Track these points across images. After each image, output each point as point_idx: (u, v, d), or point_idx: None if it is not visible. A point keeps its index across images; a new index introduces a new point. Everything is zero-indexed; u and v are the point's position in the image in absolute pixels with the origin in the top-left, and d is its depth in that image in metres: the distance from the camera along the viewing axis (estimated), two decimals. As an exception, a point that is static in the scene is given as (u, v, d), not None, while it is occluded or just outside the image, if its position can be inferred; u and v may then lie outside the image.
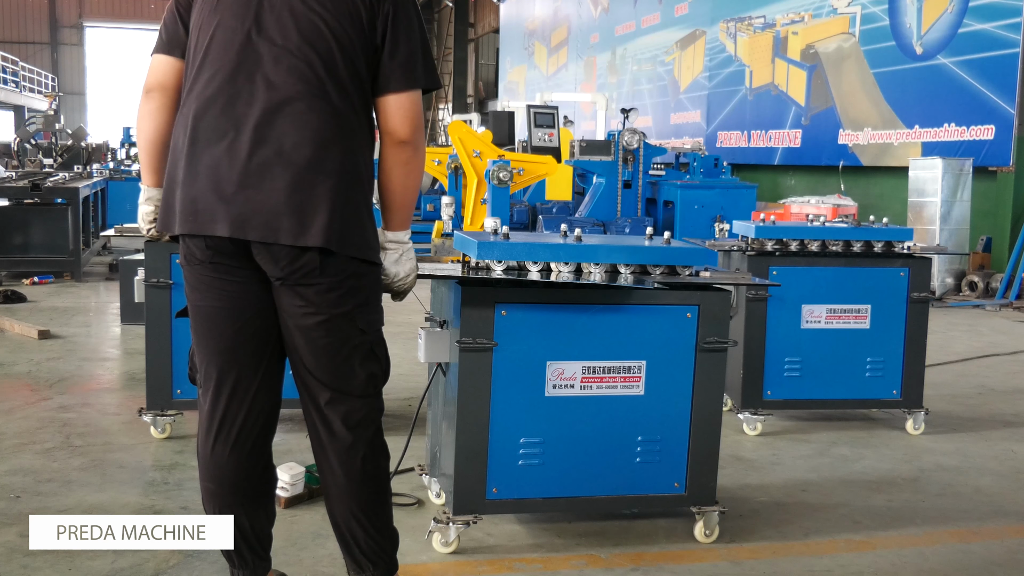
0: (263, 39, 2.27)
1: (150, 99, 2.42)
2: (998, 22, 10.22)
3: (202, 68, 2.30)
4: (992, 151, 10.31)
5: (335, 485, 2.43)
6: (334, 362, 2.36)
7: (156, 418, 4.21)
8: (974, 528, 3.51)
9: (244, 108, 2.24)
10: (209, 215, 2.23)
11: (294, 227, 2.21)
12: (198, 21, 2.34)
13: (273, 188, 2.21)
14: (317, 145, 2.24)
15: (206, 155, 2.25)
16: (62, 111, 30.15)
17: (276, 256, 2.25)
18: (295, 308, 2.31)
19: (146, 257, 4.12)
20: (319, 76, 2.27)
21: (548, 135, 11.55)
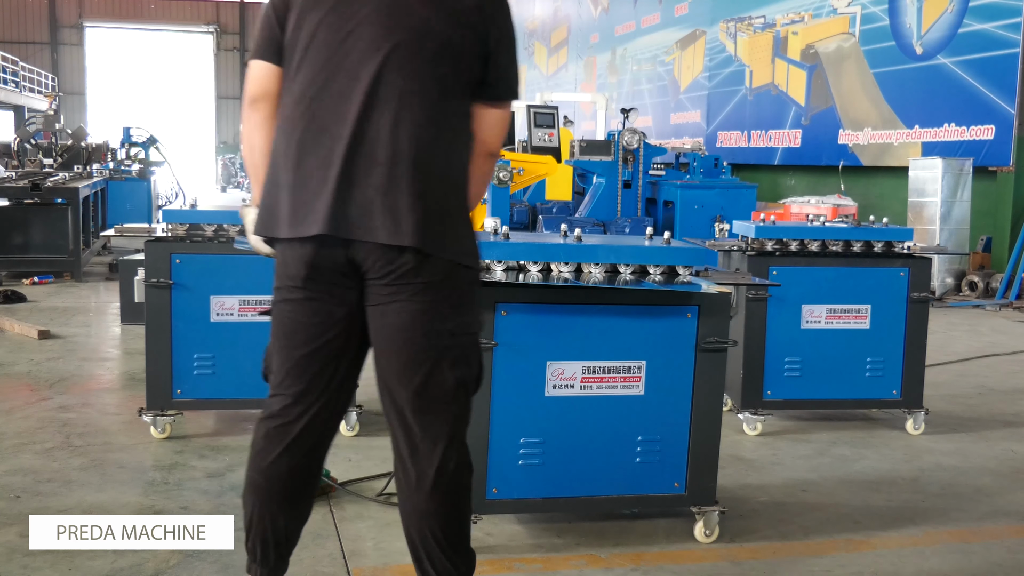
0: (365, 39, 2.23)
1: (258, 110, 2.36)
2: (998, 22, 10.22)
3: (303, 67, 2.27)
4: (992, 151, 10.31)
5: (411, 498, 2.32)
6: (423, 368, 2.27)
7: (156, 418, 4.21)
8: (974, 528, 3.51)
9: (345, 109, 2.22)
10: (313, 217, 2.20)
11: (393, 227, 2.18)
12: (298, 19, 2.28)
13: (375, 187, 2.19)
14: (420, 145, 2.22)
15: (311, 157, 2.22)
16: (62, 111, 30.14)
17: (374, 256, 2.21)
18: (386, 310, 2.25)
19: (146, 257, 4.12)
20: (423, 73, 2.24)
21: (548, 135, 11.54)
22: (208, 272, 4.14)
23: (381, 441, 4.27)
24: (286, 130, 2.28)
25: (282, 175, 2.26)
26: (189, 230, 4.17)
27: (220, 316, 4.18)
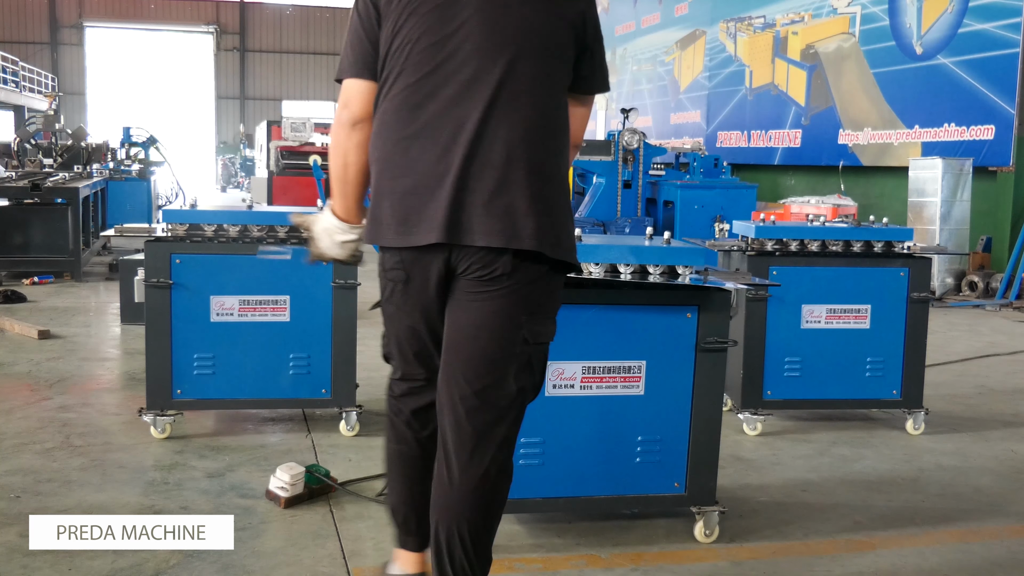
0: (470, 38, 2.24)
1: (358, 131, 2.35)
2: (998, 22, 10.22)
3: (405, 75, 2.27)
4: (992, 151, 10.31)
5: (448, 494, 2.31)
6: (490, 369, 2.28)
7: (156, 418, 4.21)
8: (974, 528, 3.51)
9: (456, 112, 2.22)
10: (421, 224, 2.22)
11: (510, 230, 2.20)
12: (394, 30, 2.28)
13: (490, 191, 2.20)
14: (530, 147, 2.24)
15: (417, 161, 2.24)
16: (62, 111, 30.14)
17: (477, 258, 2.23)
18: (468, 306, 2.27)
19: (146, 257, 4.12)
20: (530, 74, 2.25)
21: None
22: (208, 272, 4.15)
23: (381, 441, 4.27)
24: (390, 137, 2.28)
25: (386, 182, 2.28)
26: (189, 230, 4.17)
27: (220, 316, 4.18)
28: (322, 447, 4.19)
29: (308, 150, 18.21)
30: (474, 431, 2.29)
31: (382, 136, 2.30)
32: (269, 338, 4.23)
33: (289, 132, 19.55)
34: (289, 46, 39.47)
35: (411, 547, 2.54)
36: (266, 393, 4.29)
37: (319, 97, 39.68)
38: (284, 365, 4.26)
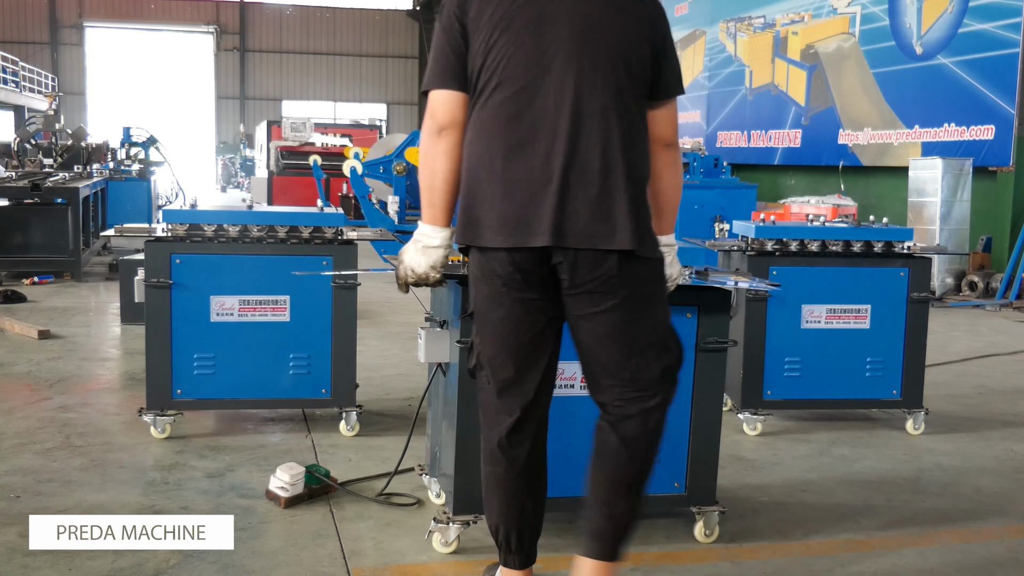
0: (562, 52, 2.38)
1: (444, 138, 2.45)
2: (998, 22, 10.22)
3: (503, 86, 2.38)
4: (992, 151, 10.31)
5: (609, 468, 2.50)
6: (631, 359, 2.45)
7: (156, 418, 4.21)
8: (974, 528, 3.51)
9: (553, 122, 2.35)
10: (528, 227, 2.34)
11: (611, 233, 2.35)
12: (487, 42, 2.40)
13: (592, 196, 2.34)
14: (622, 152, 2.38)
15: (518, 168, 2.35)
16: (62, 111, 30.13)
17: (584, 262, 2.36)
18: (594, 310, 2.41)
19: (146, 257, 4.12)
20: (618, 85, 2.40)
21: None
22: (208, 272, 4.15)
23: (381, 441, 4.28)
24: (490, 146, 2.38)
25: (484, 187, 2.38)
26: (189, 230, 4.17)
27: (220, 316, 4.18)
28: (322, 447, 4.19)
29: (308, 150, 18.22)
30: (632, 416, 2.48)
31: (480, 144, 2.41)
32: (269, 338, 4.23)
33: (289, 132, 19.57)
34: (289, 46, 39.46)
35: (514, 565, 2.63)
36: (266, 393, 4.29)
37: (319, 97, 39.68)
38: (284, 365, 4.26)
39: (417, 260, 2.56)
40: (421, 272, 2.57)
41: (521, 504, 2.57)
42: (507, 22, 2.39)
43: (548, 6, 2.40)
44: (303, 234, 4.26)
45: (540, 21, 2.39)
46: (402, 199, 11.50)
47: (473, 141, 2.42)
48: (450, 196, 2.48)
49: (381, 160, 12.34)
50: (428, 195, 2.49)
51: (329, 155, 16.43)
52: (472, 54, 2.42)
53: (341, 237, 4.30)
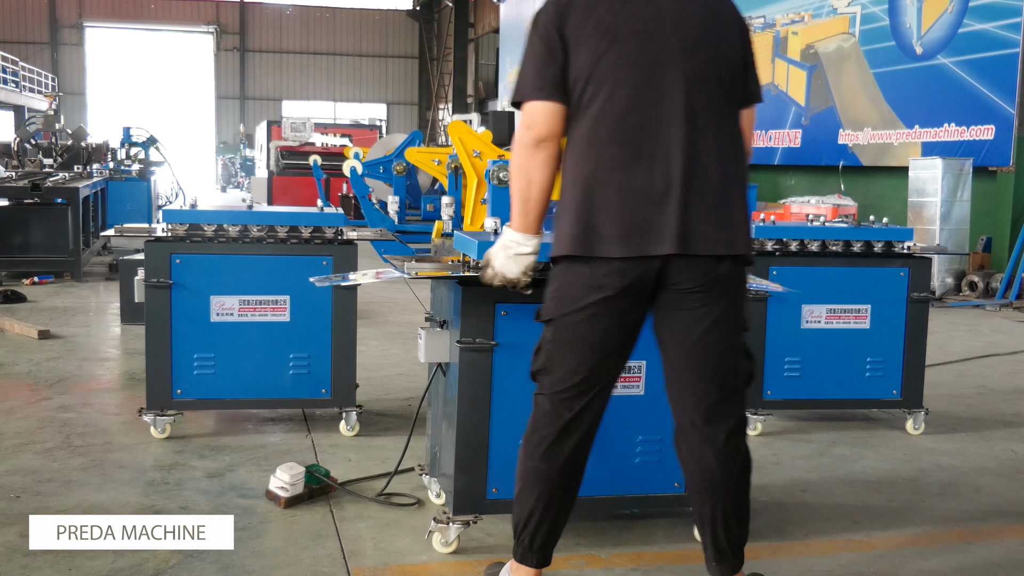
0: (672, 63, 2.44)
1: (543, 149, 2.48)
2: (998, 22, 10.22)
3: (612, 95, 2.42)
4: (992, 151, 10.31)
5: (709, 478, 2.57)
6: (725, 363, 2.54)
7: (156, 418, 4.21)
8: (974, 528, 3.51)
9: (666, 130, 2.41)
10: (649, 236, 2.39)
11: (727, 239, 2.45)
12: (597, 53, 2.43)
13: (711, 205, 2.42)
14: (730, 158, 2.49)
15: (637, 178, 2.40)
16: (62, 111, 30.13)
17: (700, 268, 2.43)
18: (697, 315, 2.47)
19: (146, 257, 4.12)
20: (723, 93, 2.50)
21: (548, 135, 11.52)
22: (208, 272, 4.15)
23: (381, 441, 4.28)
24: (604, 155, 2.42)
25: (603, 197, 2.41)
26: (189, 230, 4.17)
27: (220, 316, 4.18)
28: (322, 447, 4.19)
29: (308, 150, 18.23)
30: (724, 420, 2.55)
31: (592, 155, 2.44)
32: (269, 338, 4.22)
33: (289, 132, 19.58)
34: (289, 46, 39.47)
35: (532, 563, 2.67)
36: (266, 393, 4.29)
37: (319, 97, 39.69)
38: (284, 365, 4.26)
39: (509, 266, 2.61)
40: (512, 277, 2.63)
41: (557, 503, 2.62)
42: (615, 33, 2.43)
43: (653, 18, 2.46)
44: (303, 234, 4.26)
45: (648, 33, 2.44)
46: (402, 199, 11.48)
47: (586, 152, 2.45)
48: (544, 206, 2.54)
49: (381, 160, 12.33)
50: (523, 204, 2.54)
51: (329, 155, 16.43)
52: (575, 65, 2.45)
53: (341, 237, 4.30)
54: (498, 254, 2.62)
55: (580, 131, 2.46)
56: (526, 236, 2.57)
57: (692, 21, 2.48)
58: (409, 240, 9.30)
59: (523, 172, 2.50)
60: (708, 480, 2.58)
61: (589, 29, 2.44)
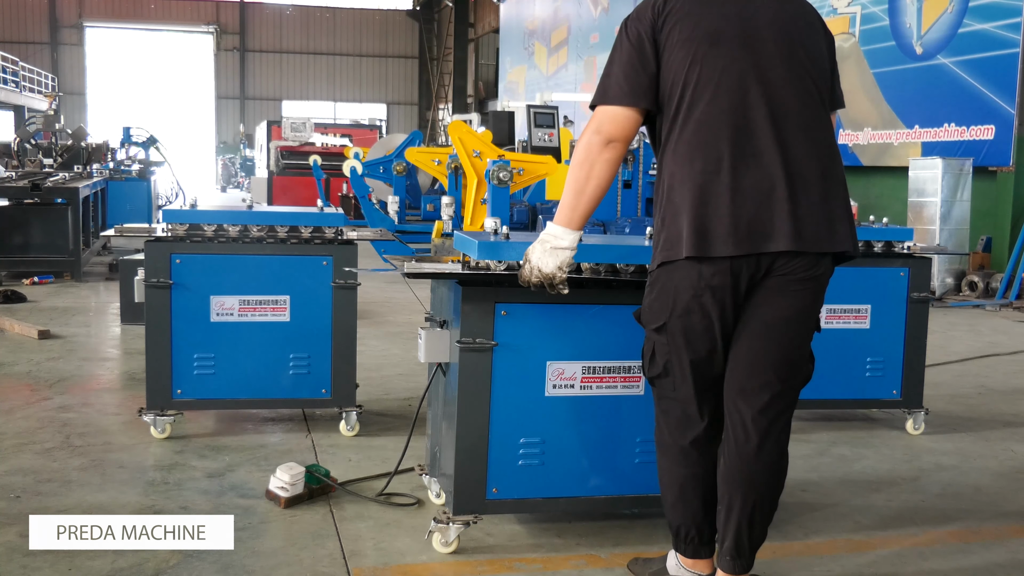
0: (771, 66, 2.50)
1: (611, 149, 2.54)
2: (998, 22, 10.22)
3: (715, 97, 2.47)
4: (992, 151, 10.31)
5: (749, 468, 2.58)
6: (793, 358, 2.58)
7: (156, 418, 4.21)
8: (974, 528, 3.51)
9: (768, 131, 2.46)
10: (760, 234, 2.44)
11: (831, 234, 2.51)
12: (695, 57, 2.48)
13: (815, 203, 2.48)
14: (830, 158, 2.56)
15: (745, 178, 2.44)
16: (62, 111, 30.13)
17: (804, 264, 2.49)
18: (785, 305, 2.52)
19: (146, 257, 4.12)
20: (816, 95, 2.57)
21: (548, 135, 11.53)
22: (208, 272, 4.15)
23: (381, 441, 4.28)
24: (710, 157, 2.45)
25: (712, 198, 2.44)
26: (189, 230, 4.17)
27: (220, 316, 4.18)
28: (322, 447, 4.19)
29: (308, 150, 18.23)
30: (776, 414, 2.58)
31: (699, 156, 2.46)
32: (269, 338, 4.22)
33: (289, 132, 19.58)
34: (289, 46, 39.49)
35: (708, 554, 2.75)
36: (266, 393, 4.29)
37: (319, 97, 39.70)
38: (284, 365, 4.26)
39: (545, 260, 2.63)
40: (548, 272, 2.64)
41: (713, 498, 2.68)
42: (717, 37, 2.49)
43: (752, 22, 2.52)
44: (303, 234, 4.26)
45: (748, 36, 2.51)
46: (402, 199, 11.49)
47: (691, 154, 2.47)
48: (595, 204, 2.59)
49: (381, 160, 12.33)
50: (575, 198, 2.57)
51: (329, 155, 16.44)
52: (672, 69, 2.49)
53: (341, 237, 4.30)
54: (535, 249, 2.65)
55: (683, 134, 2.50)
56: (566, 230, 2.61)
57: (787, 25, 2.55)
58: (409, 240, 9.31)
59: (584, 165, 2.54)
60: (747, 471, 2.58)
61: (688, 34, 2.49)
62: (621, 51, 2.55)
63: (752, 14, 2.53)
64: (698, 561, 2.75)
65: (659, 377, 2.66)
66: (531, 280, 2.67)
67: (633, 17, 2.58)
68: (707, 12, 2.52)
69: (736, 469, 2.60)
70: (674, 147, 2.51)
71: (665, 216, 2.52)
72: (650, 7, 2.55)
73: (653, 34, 2.51)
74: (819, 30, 2.64)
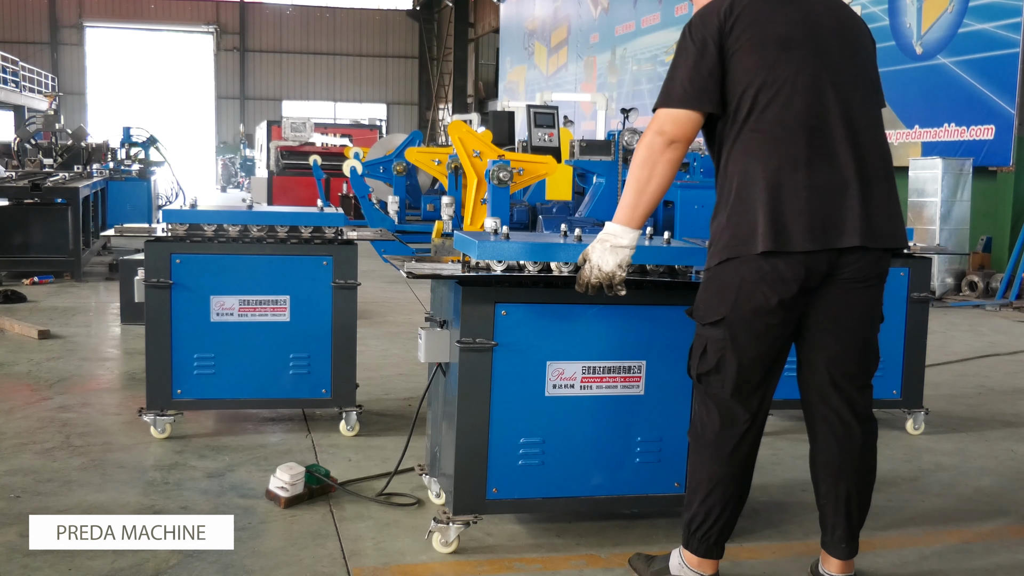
0: (836, 68, 2.60)
1: (673, 150, 2.59)
2: (998, 22, 10.22)
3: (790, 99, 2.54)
4: (992, 151, 10.31)
5: (852, 459, 2.73)
6: (866, 352, 2.71)
7: (156, 418, 4.21)
8: (974, 528, 3.51)
9: (838, 130, 2.55)
10: (834, 230, 2.52)
11: (893, 231, 2.62)
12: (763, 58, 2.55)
13: (882, 200, 2.58)
14: (889, 159, 2.67)
15: (819, 176, 2.52)
16: (62, 111, 30.14)
17: (871, 260, 2.60)
18: (853, 307, 2.63)
19: (146, 257, 4.12)
20: (873, 96, 2.69)
21: (548, 135, 11.54)
22: (208, 272, 4.15)
23: (381, 441, 4.28)
24: (786, 156, 2.52)
25: (789, 195, 2.51)
26: (189, 230, 4.17)
27: (220, 316, 4.18)
28: (322, 447, 4.19)
29: (308, 150, 18.24)
30: (868, 404, 2.74)
31: (775, 155, 2.53)
32: (269, 338, 4.22)
33: (289, 132, 19.59)
34: (289, 46, 39.50)
35: (718, 555, 2.79)
36: (266, 393, 4.29)
37: (319, 97, 39.71)
38: (284, 365, 4.26)
39: (605, 259, 2.67)
40: (608, 271, 2.67)
41: (738, 498, 2.75)
42: (786, 43, 2.57)
43: (816, 28, 2.62)
44: (303, 234, 4.26)
45: (815, 39, 2.60)
46: (402, 199, 11.50)
47: (767, 153, 2.53)
48: (655, 203, 2.65)
49: (381, 160, 12.34)
50: (636, 197, 2.64)
51: (329, 155, 16.45)
52: (741, 72, 2.55)
53: (341, 237, 4.30)
54: (595, 248, 2.70)
55: (756, 134, 2.55)
56: (625, 229, 2.67)
57: (846, 30, 2.67)
58: (409, 240, 9.31)
59: (646, 165, 2.59)
60: (854, 461, 2.73)
61: (759, 38, 2.56)
62: (685, 55, 2.59)
63: (816, 20, 2.63)
64: (705, 561, 2.77)
65: (708, 373, 2.68)
66: (591, 281, 2.69)
67: (696, 21, 2.62)
68: (776, 18, 2.59)
69: (841, 462, 2.73)
70: (746, 147, 2.57)
71: (732, 213, 2.57)
72: (715, 12, 2.59)
73: (719, 38, 2.56)
74: (867, 34, 2.75)
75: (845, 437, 2.72)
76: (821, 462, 2.79)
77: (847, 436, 2.72)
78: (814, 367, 2.71)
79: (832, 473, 2.76)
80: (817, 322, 2.66)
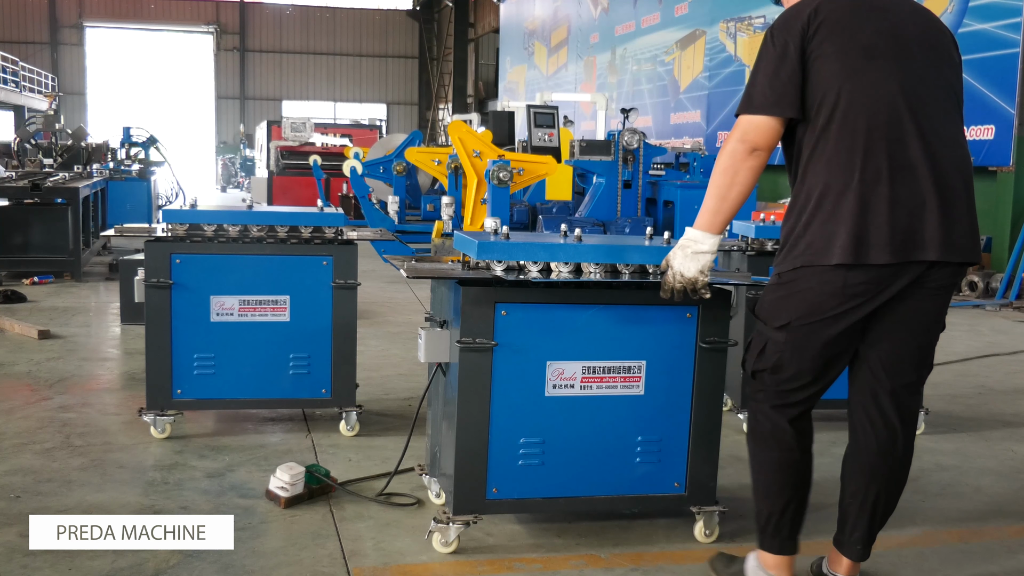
0: (920, 78, 2.57)
1: (755, 157, 2.58)
2: (998, 22, 10.22)
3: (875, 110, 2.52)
4: (992, 151, 10.31)
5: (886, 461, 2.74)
6: (923, 358, 2.75)
7: (156, 418, 4.21)
8: (974, 528, 3.51)
9: (918, 141, 2.53)
10: (914, 244, 2.51)
11: (971, 246, 2.60)
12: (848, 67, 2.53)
13: (961, 213, 2.57)
14: (969, 170, 2.64)
15: (902, 189, 2.51)
16: (62, 111, 30.14)
17: (945, 273, 2.61)
18: (920, 313, 2.67)
19: (146, 257, 4.12)
20: (958, 108, 2.67)
21: (548, 135, 11.54)
22: (208, 272, 4.15)
23: (381, 441, 4.28)
24: (868, 167, 2.51)
25: (873, 206, 2.50)
26: (189, 230, 4.17)
27: (220, 316, 4.18)
28: (322, 447, 4.19)
29: (308, 150, 18.24)
30: (911, 411, 2.76)
31: (857, 167, 2.51)
32: (269, 338, 4.22)
33: (289, 132, 19.58)
34: (289, 46, 39.50)
35: (792, 550, 2.80)
36: (266, 393, 4.29)
37: (319, 97, 39.71)
38: (284, 365, 4.26)
39: (687, 265, 2.69)
40: (690, 276, 2.69)
41: (807, 489, 2.77)
42: (870, 52, 2.54)
43: (901, 38, 2.59)
44: (303, 234, 4.26)
45: (901, 50, 2.57)
46: (402, 199, 11.49)
47: (848, 164, 2.52)
48: (736, 210, 2.64)
49: (381, 160, 12.34)
50: (718, 202, 2.63)
51: (329, 155, 16.45)
52: (822, 79, 2.53)
53: (341, 237, 4.30)
54: (676, 254, 2.72)
55: (839, 144, 2.53)
56: (705, 235, 2.67)
57: (932, 40, 2.64)
58: (409, 240, 9.31)
59: (729, 172, 2.58)
60: (891, 467, 2.74)
61: (843, 46, 2.53)
62: (767, 60, 2.58)
63: (902, 30, 2.60)
64: (781, 561, 2.79)
65: (766, 371, 2.71)
66: (674, 286, 2.71)
67: (779, 26, 2.60)
68: (861, 26, 2.56)
69: (877, 463, 2.73)
70: (827, 156, 2.54)
71: (812, 221, 2.55)
72: (799, 16, 2.57)
73: (802, 44, 2.54)
74: (952, 42, 2.70)
75: (888, 439, 2.72)
76: (857, 461, 2.78)
77: (890, 438, 2.72)
78: (870, 366, 2.71)
79: (866, 473, 2.76)
80: (881, 323, 2.66)
